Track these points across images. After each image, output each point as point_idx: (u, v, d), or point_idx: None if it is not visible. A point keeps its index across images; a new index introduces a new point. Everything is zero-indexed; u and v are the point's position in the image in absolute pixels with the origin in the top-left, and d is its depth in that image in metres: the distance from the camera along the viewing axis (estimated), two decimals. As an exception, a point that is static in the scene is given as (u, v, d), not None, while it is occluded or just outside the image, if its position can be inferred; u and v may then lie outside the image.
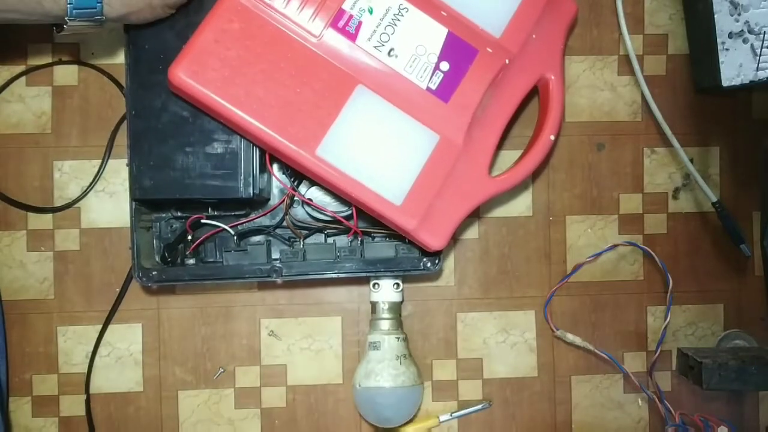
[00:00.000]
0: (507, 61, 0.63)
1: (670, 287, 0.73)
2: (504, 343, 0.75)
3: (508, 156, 0.73)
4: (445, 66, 0.61)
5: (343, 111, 0.60)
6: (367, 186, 0.60)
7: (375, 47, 0.61)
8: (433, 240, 0.62)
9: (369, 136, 0.60)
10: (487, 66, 0.62)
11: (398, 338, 0.69)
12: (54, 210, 0.72)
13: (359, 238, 0.69)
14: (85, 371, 0.72)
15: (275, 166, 0.69)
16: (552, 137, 0.66)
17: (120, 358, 0.72)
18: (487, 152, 0.64)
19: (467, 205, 0.63)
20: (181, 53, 0.58)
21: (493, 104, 0.64)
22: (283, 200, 0.68)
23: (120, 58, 0.71)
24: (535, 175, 0.75)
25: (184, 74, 0.58)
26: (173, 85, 0.59)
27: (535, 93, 0.68)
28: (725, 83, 0.67)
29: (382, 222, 0.63)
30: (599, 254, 0.75)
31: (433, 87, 0.61)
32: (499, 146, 0.66)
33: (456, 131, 0.62)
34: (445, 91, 0.61)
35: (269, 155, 0.65)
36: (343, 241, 0.70)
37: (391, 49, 0.61)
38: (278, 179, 0.69)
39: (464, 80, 0.62)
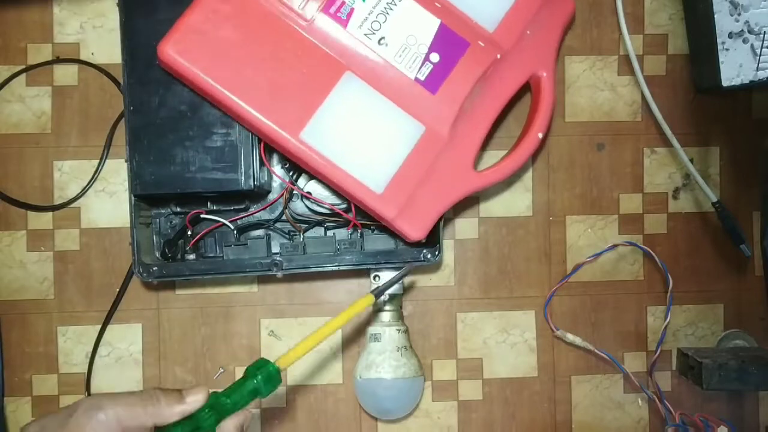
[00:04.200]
0: (498, 56, 0.63)
1: (670, 287, 0.73)
2: (504, 343, 0.75)
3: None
4: (435, 57, 0.62)
5: (330, 96, 0.60)
6: (348, 172, 0.60)
7: (365, 35, 0.61)
8: (412, 230, 0.62)
9: (354, 123, 0.61)
10: (478, 60, 0.62)
11: (399, 330, 0.69)
12: (53, 208, 0.72)
13: (359, 231, 0.69)
14: (85, 371, 0.72)
15: (275, 161, 0.69)
16: (540, 135, 0.66)
17: (120, 358, 0.72)
18: (472, 146, 0.64)
19: (449, 198, 0.64)
20: (171, 30, 0.58)
21: (482, 99, 0.64)
22: (282, 194, 0.68)
23: (120, 58, 0.72)
24: (535, 175, 0.75)
25: (172, 51, 0.58)
26: (162, 61, 0.59)
27: (527, 93, 0.68)
28: (725, 83, 0.67)
29: (362, 209, 0.63)
30: (599, 254, 0.75)
31: (422, 78, 0.61)
32: (486, 145, 0.66)
33: (442, 123, 0.62)
34: (433, 82, 0.61)
35: (264, 150, 0.65)
36: (342, 234, 0.70)
37: (382, 38, 0.61)
38: (275, 174, 0.69)
39: (453, 72, 0.62)
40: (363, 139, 0.61)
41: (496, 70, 0.64)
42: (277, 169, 0.70)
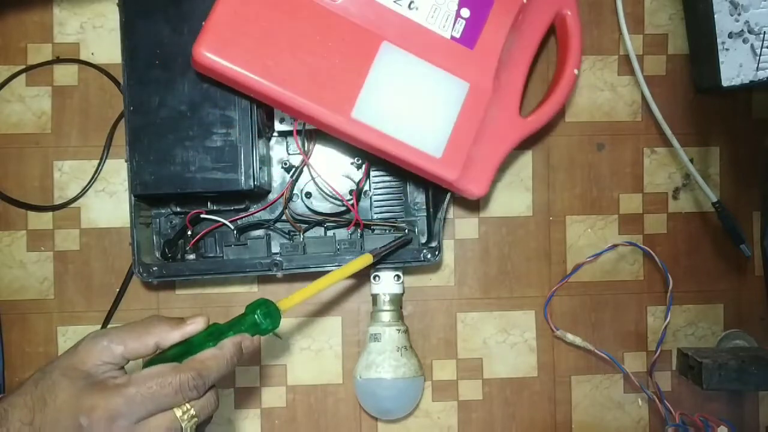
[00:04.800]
0: (525, 1, 0.63)
1: (670, 287, 0.73)
2: (504, 343, 0.75)
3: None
4: (465, 12, 0.62)
5: (372, 70, 0.60)
6: (406, 143, 0.60)
7: (395, 1, 0.61)
8: (476, 187, 0.63)
9: (401, 92, 0.61)
10: (507, 8, 0.63)
11: (399, 330, 0.69)
12: (53, 208, 0.72)
13: (359, 231, 0.69)
14: (85, 371, 0.71)
15: (274, 160, 0.69)
16: (576, 71, 0.67)
17: (120, 358, 0.72)
18: (515, 94, 0.65)
19: (503, 148, 0.64)
20: (202, 30, 0.57)
21: (515, 46, 0.64)
22: (283, 194, 0.68)
23: (120, 58, 0.72)
24: (535, 175, 0.75)
25: (208, 51, 0.57)
26: (199, 65, 0.58)
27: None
28: (725, 83, 0.67)
29: (421, 177, 0.63)
30: (599, 254, 0.75)
31: (457, 35, 0.62)
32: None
33: (485, 77, 0.62)
34: (469, 37, 0.62)
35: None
36: (342, 234, 0.71)
37: (411, 2, 0.61)
38: (298, 147, 0.68)
39: (486, 25, 0.62)
40: (413, 107, 0.61)
41: (525, 16, 0.64)
42: (277, 168, 0.70)
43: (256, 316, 0.49)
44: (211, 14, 0.58)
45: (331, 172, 0.70)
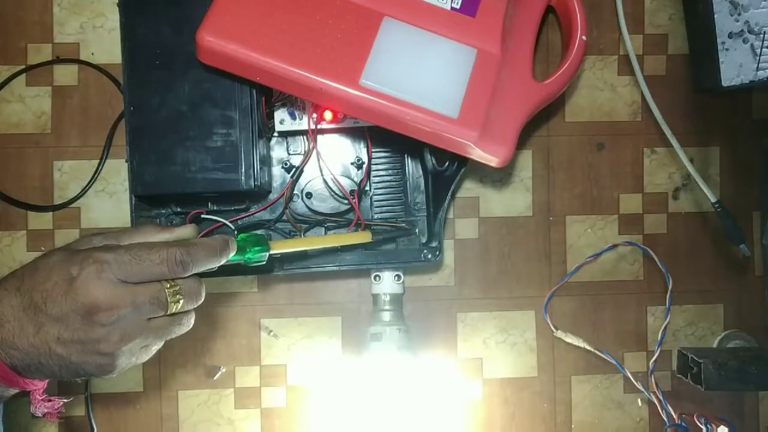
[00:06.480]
0: None
1: (670, 287, 0.73)
2: (504, 343, 0.75)
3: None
4: None
5: (376, 44, 0.60)
6: (420, 105, 0.59)
7: None
8: (500, 149, 0.61)
9: (408, 60, 0.61)
10: None
11: (399, 329, 0.69)
12: (53, 208, 0.72)
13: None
14: (85, 371, 0.71)
15: (275, 161, 0.69)
16: (584, 38, 0.67)
17: (120, 358, 0.72)
18: (526, 59, 0.65)
19: (523, 111, 0.64)
20: (204, 18, 0.58)
21: (520, 11, 0.65)
22: (283, 194, 0.68)
23: (120, 58, 0.72)
24: (535, 175, 0.75)
25: (212, 36, 0.57)
26: (204, 50, 0.58)
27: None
28: (725, 83, 0.67)
29: (439, 147, 0.62)
30: (599, 254, 0.75)
31: (457, 6, 0.63)
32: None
33: (491, 42, 0.63)
34: (469, 7, 0.63)
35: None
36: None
37: None
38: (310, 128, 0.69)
39: None
40: (422, 72, 0.61)
41: None
42: (277, 168, 0.70)
43: (246, 241, 0.54)
44: (214, 1, 0.58)
45: (332, 173, 0.69)
